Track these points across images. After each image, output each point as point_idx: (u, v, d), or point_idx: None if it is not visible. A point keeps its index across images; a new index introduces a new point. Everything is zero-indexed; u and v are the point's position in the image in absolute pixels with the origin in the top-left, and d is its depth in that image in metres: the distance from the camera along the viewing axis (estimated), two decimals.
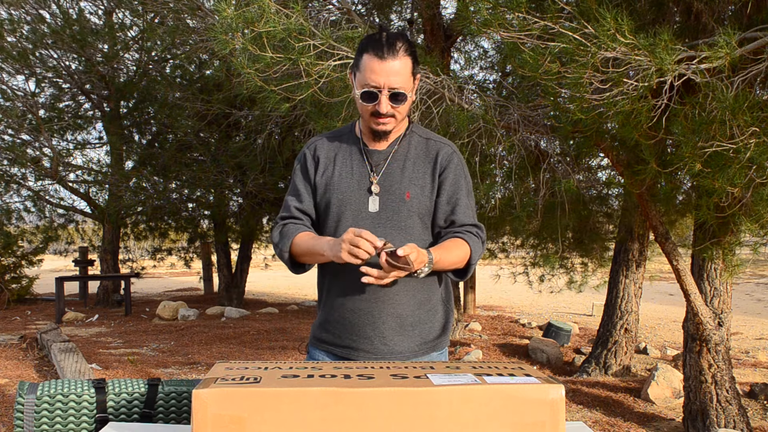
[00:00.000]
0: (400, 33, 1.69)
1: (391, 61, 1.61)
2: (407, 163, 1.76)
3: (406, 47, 1.64)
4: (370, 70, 1.63)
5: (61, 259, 14.26)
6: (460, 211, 1.75)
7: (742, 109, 2.76)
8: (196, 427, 1.19)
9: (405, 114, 1.74)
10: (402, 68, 1.63)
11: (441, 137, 1.84)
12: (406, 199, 1.73)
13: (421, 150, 1.78)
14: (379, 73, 1.62)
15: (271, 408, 1.20)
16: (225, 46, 3.28)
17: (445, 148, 1.78)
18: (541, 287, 7.51)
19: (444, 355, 1.91)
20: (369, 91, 1.65)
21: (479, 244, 1.76)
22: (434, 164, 1.76)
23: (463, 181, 1.78)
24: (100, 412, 1.86)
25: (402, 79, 1.64)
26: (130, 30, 10.97)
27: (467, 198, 1.78)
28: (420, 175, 1.76)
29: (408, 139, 1.80)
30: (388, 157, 1.77)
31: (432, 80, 3.66)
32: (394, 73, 1.62)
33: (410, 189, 1.74)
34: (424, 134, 1.83)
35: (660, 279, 14.44)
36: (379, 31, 1.68)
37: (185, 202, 11.01)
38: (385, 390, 1.21)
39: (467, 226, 1.76)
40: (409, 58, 1.65)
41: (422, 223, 1.77)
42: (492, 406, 1.22)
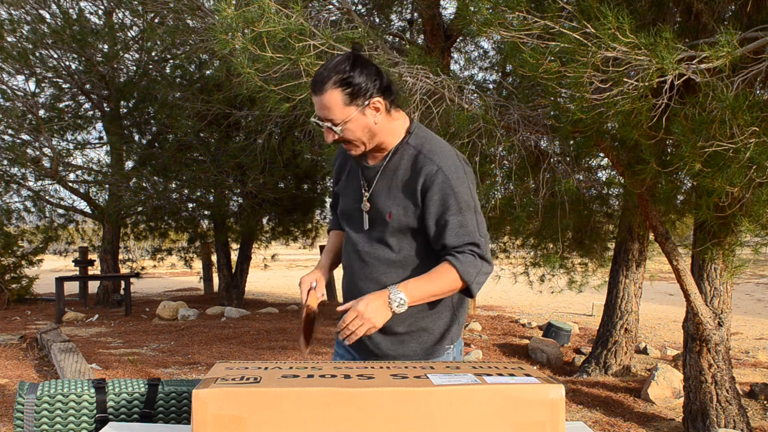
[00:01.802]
0: (339, 62, 1.71)
1: (318, 96, 1.71)
2: (394, 182, 1.79)
3: (336, 79, 1.68)
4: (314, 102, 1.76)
5: (61, 259, 14.26)
6: (449, 233, 1.73)
7: (742, 108, 2.76)
8: (196, 427, 1.19)
9: (366, 138, 1.75)
10: (328, 102, 1.70)
11: (433, 149, 1.78)
12: (387, 219, 1.78)
13: (409, 166, 1.78)
14: (316, 107, 1.73)
15: (271, 408, 1.20)
16: (225, 46, 3.28)
17: (429, 166, 1.73)
18: (542, 287, 7.51)
19: (449, 356, 1.89)
20: (317, 122, 1.76)
21: (473, 262, 1.72)
22: (417, 184, 1.75)
23: (453, 199, 1.72)
24: (100, 412, 1.86)
25: (331, 112, 1.71)
26: (130, 30, 10.97)
27: (460, 215, 1.72)
28: (404, 195, 1.77)
29: (401, 153, 1.80)
30: (378, 174, 1.81)
31: (432, 80, 3.66)
32: (322, 107, 1.72)
33: (392, 209, 1.77)
34: (418, 145, 1.79)
35: (660, 279, 14.44)
36: (335, 58, 1.78)
37: (185, 202, 11.00)
38: (385, 390, 1.21)
39: (461, 246, 1.73)
40: (339, 90, 1.69)
41: (411, 239, 1.78)
42: (492, 406, 1.22)
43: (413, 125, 1.83)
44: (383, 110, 1.74)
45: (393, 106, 1.78)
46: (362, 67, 1.71)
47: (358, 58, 1.72)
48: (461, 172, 1.76)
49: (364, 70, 1.71)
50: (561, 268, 6.52)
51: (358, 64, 1.70)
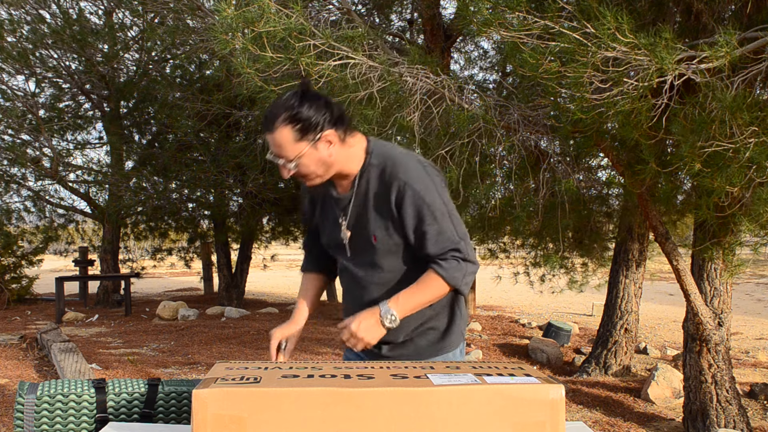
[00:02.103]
0: (286, 99, 1.71)
1: (269, 134, 1.72)
2: (368, 204, 1.80)
3: (285, 116, 1.69)
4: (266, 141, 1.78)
5: (61, 259, 14.26)
6: (429, 243, 1.75)
7: (741, 108, 2.76)
8: (196, 427, 1.19)
9: (321, 171, 1.76)
10: (279, 140, 1.71)
11: (396, 163, 1.77)
12: (374, 243, 1.80)
13: (378, 185, 1.79)
14: (269, 146, 1.74)
15: (271, 408, 1.20)
16: (225, 46, 3.28)
17: (396, 183, 1.74)
18: (542, 287, 7.51)
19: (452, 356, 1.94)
20: (272, 159, 1.77)
21: (457, 266, 1.75)
22: (390, 202, 1.76)
23: (426, 209, 1.73)
24: (100, 412, 1.86)
25: (283, 149, 1.71)
26: (130, 30, 10.97)
27: (436, 224, 1.74)
28: (382, 215, 1.79)
29: (366, 176, 1.80)
30: (350, 202, 1.83)
31: (432, 80, 3.66)
32: (274, 145, 1.73)
33: (376, 232, 1.79)
34: (381, 163, 1.78)
35: (660, 279, 14.45)
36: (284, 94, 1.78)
37: (185, 202, 11.00)
38: (385, 390, 1.21)
39: (443, 254, 1.76)
40: (288, 127, 1.69)
41: (401, 255, 1.81)
42: (492, 406, 1.22)
43: (371, 144, 1.82)
44: (336, 141, 1.74)
45: (348, 134, 1.77)
46: (310, 101, 1.70)
47: (305, 93, 1.72)
48: (428, 182, 1.76)
49: (313, 105, 1.70)
50: (561, 268, 6.51)
51: (306, 99, 1.70)
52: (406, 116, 3.69)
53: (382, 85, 3.53)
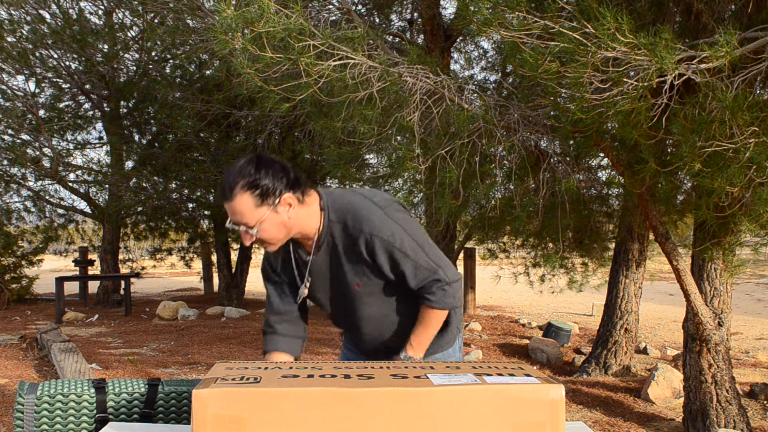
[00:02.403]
0: (243, 166, 1.71)
1: (229, 202, 1.72)
2: (341, 258, 1.82)
3: (243, 183, 1.69)
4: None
5: (61, 259, 14.25)
6: (409, 279, 1.79)
7: (741, 108, 2.75)
8: (196, 427, 1.19)
9: (282, 235, 1.77)
10: (239, 207, 1.70)
11: (355, 216, 1.78)
12: (357, 289, 1.84)
13: (345, 239, 1.80)
14: (229, 214, 1.74)
15: (271, 408, 1.20)
16: (225, 46, 3.28)
17: (362, 236, 1.76)
18: (542, 287, 7.52)
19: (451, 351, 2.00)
20: (232, 227, 1.77)
21: (443, 294, 1.80)
22: (362, 254, 1.78)
23: (397, 252, 1.76)
24: (100, 412, 1.86)
25: (242, 216, 1.71)
26: (130, 30, 10.97)
27: (410, 260, 1.77)
28: (356, 265, 1.81)
29: (329, 233, 1.81)
30: (321, 259, 1.85)
31: (432, 80, 3.66)
32: (234, 213, 1.72)
33: (356, 279, 1.82)
34: (341, 218, 1.80)
35: (660, 279, 14.44)
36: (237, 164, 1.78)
37: (185, 202, 11.00)
38: (385, 390, 1.21)
39: (426, 287, 1.79)
40: (248, 194, 1.69)
41: (385, 292, 1.85)
42: (492, 406, 1.22)
43: (323, 200, 1.82)
44: (295, 204, 1.74)
45: (305, 194, 1.77)
46: (267, 167, 1.71)
47: (261, 158, 1.73)
48: (392, 226, 1.76)
49: (270, 170, 1.71)
50: (561, 268, 6.51)
51: (262, 165, 1.71)
52: (406, 116, 3.69)
53: (381, 85, 3.53)
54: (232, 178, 1.70)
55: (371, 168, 6.96)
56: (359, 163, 5.33)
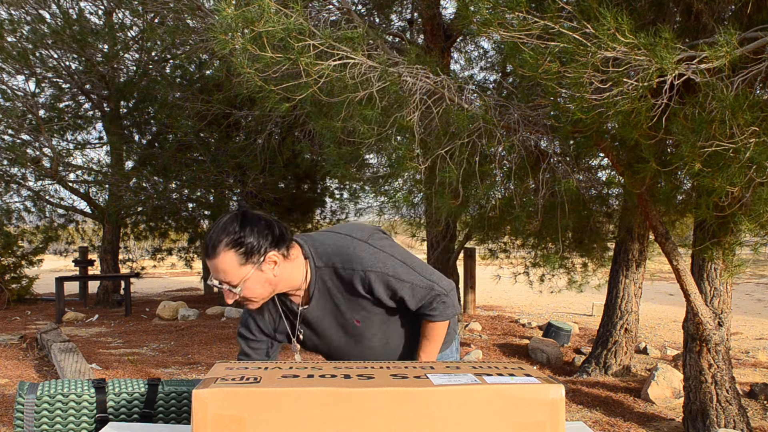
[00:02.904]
0: (228, 223, 1.68)
1: (212, 260, 1.67)
2: (337, 300, 1.80)
3: (228, 240, 1.65)
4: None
5: (61, 259, 14.26)
6: (408, 302, 1.78)
7: (741, 108, 2.75)
8: (196, 427, 1.19)
9: (265, 293, 1.73)
10: (222, 265, 1.66)
11: (343, 258, 1.75)
12: (357, 325, 1.82)
13: (338, 282, 1.78)
14: (211, 271, 1.70)
15: (271, 408, 1.20)
16: (225, 46, 3.27)
17: (356, 276, 1.74)
18: (542, 287, 7.52)
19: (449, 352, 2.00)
20: (214, 284, 1.73)
21: (443, 305, 1.80)
22: (359, 292, 1.76)
23: (393, 280, 1.74)
24: (100, 412, 1.86)
25: (227, 274, 1.67)
26: (130, 30, 10.97)
27: (407, 284, 1.76)
28: (355, 304, 1.80)
29: (320, 280, 1.78)
30: (315, 307, 1.82)
31: (432, 80, 3.66)
32: (217, 271, 1.68)
33: (356, 317, 1.81)
34: (327, 261, 1.77)
35: (660, 279, 14.44)
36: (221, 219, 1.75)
37: (185, 202, 11.01)
38: (385, 390, 1.21)
39: (425, 302, 1.79)
40: (232, 251, 1.65)
41: (387, 322, 1.84)
42: (492, 406, 1.22)
43: (305, 248, 1.78)
44: (280, 260, 1.71)
45: (289, 249, 1.74)
46: (251, 224, 1.67)
47: (245, 215, 1.70)
48: (380, 256, 1.75)
49: (254, 228, 1.67)
50: (561, 268, 6.51)
51: (246, 222, 1.67)
52: (406, 116, 3.69)
53: (381, 85, 3.53)
54: (216, 235, 1.66)
55: (371, 168, 6.96)
56: (359, 163, 5.33)
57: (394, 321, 1.85)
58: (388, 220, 9.43)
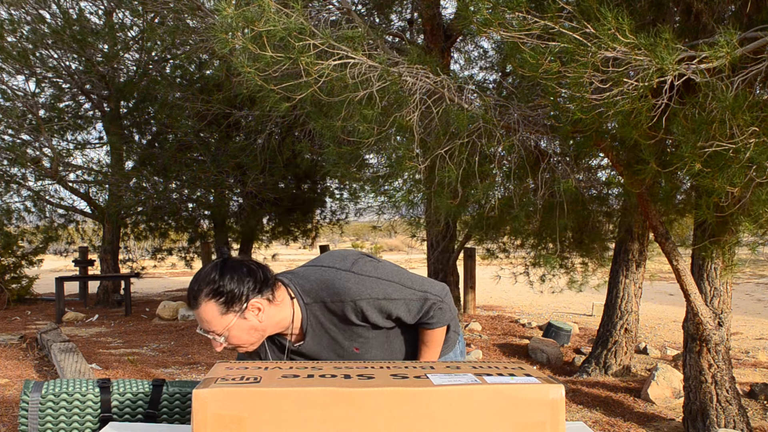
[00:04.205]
0: (207, 273, 1.67)
1: (194, 310, 1.68)
2: (332, 333, 1.78)
3: (208, 291, 1.64)
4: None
5: (61, 259, 14.26)
6: (404, 318, 1.77)
7: (742, 108, 2.76)
8: (196, 426, 1.19)
9: (253, 339, 1.71)
10: (205, 314, 1.66)
11: (332, 292, 1.73)
12: (356, 352, 1.81)
13: (330, 317, 1.76)
14: (198, 321, 1.70)
15: (272, 408, 1.20)
16: (225, 46, 3.28)
17: (347, 307, 1.72)
18: (542, 287, 7.52)
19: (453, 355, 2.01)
20: (203, 332, 1.73)
21: (440, 312, 1.79)
22: (353, 322, 1.75)
23: (385, 302, 1.73)
24: (105, 411, 1.86)
25: (209, 324, 1.67)
26: (130, 30, 10.97)
27: (398, 301, 1.75)
28: (350, 333, 1.79)
29: (312, 314, 1.77)
30: (311, 343, 1.80)
31: (432, 80, 3.66)
32: (202, 321, 1.68)
33: (354, 344, 1.80)
34: (316, 298, 1.75)
35: (660, 279, 14.44)
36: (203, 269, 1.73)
37: (185, 202, 11.01)
38: (385, 390, 1.21)
39: (422, 315, 1.78)
40: (213, 302, 1.65)
41: (385, 341, 1.83)
42: (492, 406, 1.22)
43: (291, 287, 1.76)
44: (265, 306, 1.69)
45: (274, 293, 1.72)
46: (231, 272, 1.66)
47: (225, 263, 1.69)
48: (367, 282, 1.73)
49: (234, 275, 1.66)
50: (561, 268, 6.52)
51: (226, 271, 1.66)
52: (406, 116, 3.69)
53: (381, 85, 3.53)
54: (197, 285, 1.66)
55: (371, 168, 6.96)
56: (359, 162, 5.33)
57: (393, 338, 1.85)
58: (388, 219, 9.43)
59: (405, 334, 1.86)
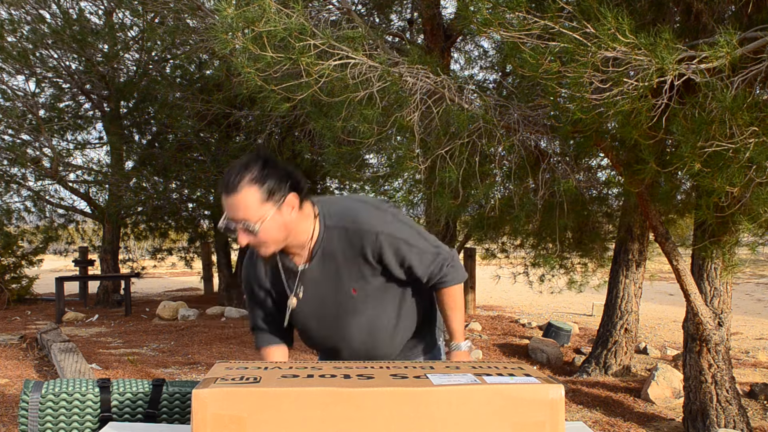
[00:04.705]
0: (253, 159, 1.67)
1: (232, 195, 1.64)
2: (339, 263, 1.78)
3: (252, 176, 1.64)
4: (223, 204, 1.69)
5: (61, 259, 14.26)
6: (416, 269, 1.80)
7: (741, 108, 2.76)
8: (196, 426, 1.19)
9: (280, 238, 1.71)
10: (244, 202, 1.63)
11: (354, 218, 1.76)
12: (353, 295, 1.80)
13: (345, 244, 1.77)
14: (227, 208, 1.66)
15: (271, 408, 1.20)
16: (225, 46, 3.28)
17: (368, 237, 1.74)
18: (542, 287, 7.52)
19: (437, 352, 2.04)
20: (227, 226, 1.69)
21: (453, 269, 1.84)
22: (365, 256, 1.76)
23: (402, 244, 1.76)
24: (104, 411, 1.86)
25: (246, 212, 1.64)
26: (130, 30, 10.97)
27: (414, 249, 1.78)
28: (356, 270, 1.79)
29: (328, 237, 1.77)
30: (316, 267, 1.80)
31: (432, 80, 3.66)
32: (238, 208, 1.64)
33: (353, 285, 1.80)
34: (339, 221, 1.77)
35: (660, 279, 14.43)
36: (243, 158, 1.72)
37: (185, 202, 11.01)
38: (385, 390, 1.21)
39: (434, 269, 1.81)
40: (256, 187, 1.64)
41: (380, 296, 1.83)
42: (492, 406, 1.22)
43: (317, 207, 1.78)
44: (296, 207, 1.70)
45: (302, 201, 1.73)
46: (274, 165, 1.68)
47: (268, 156, 1.70)
48: (391, 219, 1.77)
49: (276, 169, 1.67)
50: (561, 268, 6.52)
51: (269, 162, 1.68)
52: (406, 116, 3.69)
53: (382, 85, 3.53)
54: (238, 171, 1.65)
55: (371, 168, 6.96)
56: (359, 162, 5.33)
57: (387, 302, 1.84)
58: None
59: (402, 303, 1.86)
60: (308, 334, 1.92)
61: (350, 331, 1.85)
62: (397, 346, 1.90)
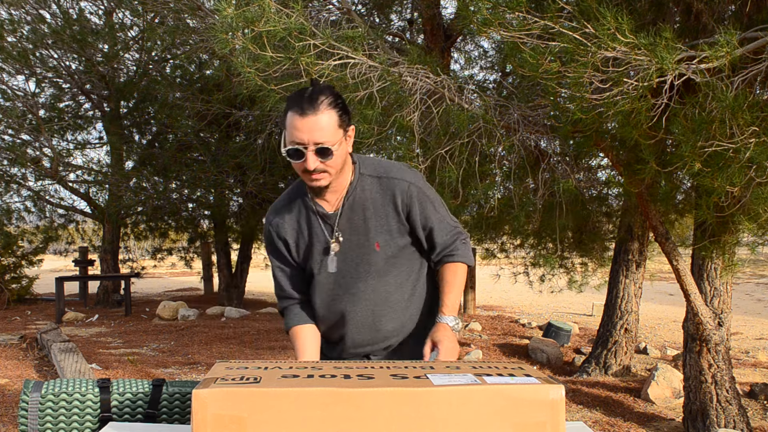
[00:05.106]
0: (325, 87, 1.66)
1: (312, 116, 1.59)
2: (368, 213, 1.77)
3: (330, 101, 1.63)
4: (293, 127, 1.62)
5: (61, 259, 14.26)
6: (437, 234, 1.82)
7: (741, 108, 2.76)
8: (196, 427, 1.19)
9: (339, 167, 1.69)
10: (325, 122, 1.61)
11: (388, 169, 1.79)
12: (377, 250, 1.78)
13: (377, 193, 1.77)
14: (302, 130, 1.60)
15: (271, 408, 1.20)
16: (225, 46, 3.28)
17: (401, 185, 1.75)
18: (542, 287, 7.52)
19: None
20: (295, 149, 1.63)
21: (464, 246, 1.87)
22: (395, 206, 1.76)
23: (428, 203, 1.80)
24: (104, 411, 1.86)
25: (326, 134, 1.61)
26: (130, 30, 10.97)
27: (437, 214, 1.82)
28: (384, 222, 1.77)
29: (360, 185, 1.77)
30: (345, 215, 1.77)
31: (432, 80, 3.66)
32: (317, 129, 1.60)
33: (378, 239, 1.78)
34: (374, 171, 1.78)
35: (660, 279, 14.43)
36: (311, 84, 1.69)
37: (185, 202, 11.01)
38: (385, 390, 1.21)
39: (451, 242, 1.84)
40: (334, 111, 1.63)
41: (400, 262, 1.82)
42: (492, 407, 1.22)
43: (353, 156, 1.79)
44: (351, 143, 1.73)
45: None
46: (341, 96, 1.70)
47: (333, 87, 1.71)
48: (421, 177, 1.83)
49: (342, 99, 1.69)
50: (561, 268, 6.52)
51: (338, 94, 1.69)
52: (406, 116, 3.69)
53: (382, 85, 3.53)
54: (316, 92, 1.62)
55: None
56: None
57: (404, 273, 1.82)
58: None
59: (417, 281, 1.86)
60: (319, 290, 1.84)
61: (365, 294, 1.79)
62: (403, 325, 1.85)
